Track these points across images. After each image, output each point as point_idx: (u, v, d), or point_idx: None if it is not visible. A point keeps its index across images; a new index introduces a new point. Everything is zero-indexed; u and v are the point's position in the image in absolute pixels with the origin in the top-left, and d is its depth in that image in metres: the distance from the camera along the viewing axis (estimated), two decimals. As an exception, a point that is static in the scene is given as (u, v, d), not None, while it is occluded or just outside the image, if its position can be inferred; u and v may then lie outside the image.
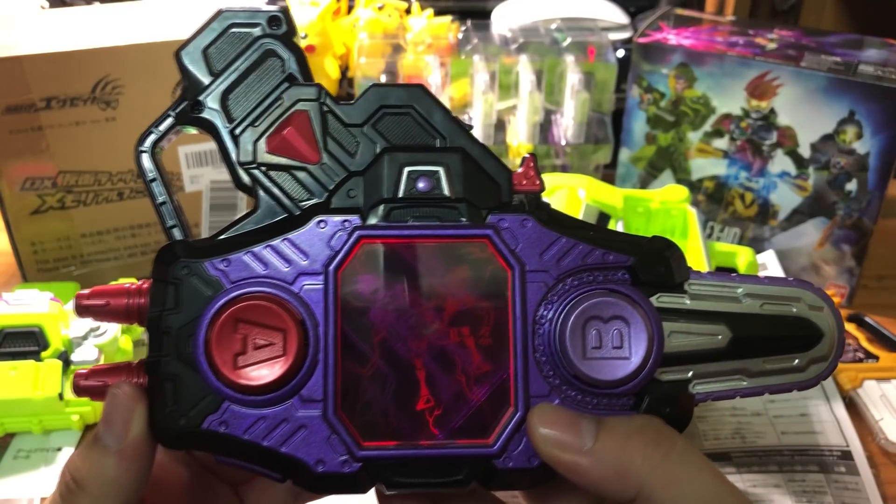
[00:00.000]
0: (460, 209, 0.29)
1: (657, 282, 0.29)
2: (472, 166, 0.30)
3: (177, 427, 0.28)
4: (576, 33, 0.83)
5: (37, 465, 0.58)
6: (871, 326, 0.70)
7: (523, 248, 0.29)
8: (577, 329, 0.28)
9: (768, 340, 0.30)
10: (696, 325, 0.29)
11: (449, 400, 0.28)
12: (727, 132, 0.75)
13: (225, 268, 0.28)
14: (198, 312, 0.28)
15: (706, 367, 0.30)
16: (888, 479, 0.57)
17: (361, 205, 0.29)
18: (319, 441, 0.28)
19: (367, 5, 0.92)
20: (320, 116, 0.29)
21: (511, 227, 0.29)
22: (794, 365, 0.30)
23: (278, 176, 0.29)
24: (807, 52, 0.72)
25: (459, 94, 0.82)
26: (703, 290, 0.30)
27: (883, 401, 0.63)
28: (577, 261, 0.29)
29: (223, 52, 0.30)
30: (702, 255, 0.60)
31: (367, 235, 0.28)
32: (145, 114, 0.70)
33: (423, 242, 0.29)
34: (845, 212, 0.73)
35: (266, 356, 0.27)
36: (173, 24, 0.72)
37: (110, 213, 0.73)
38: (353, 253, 0.28)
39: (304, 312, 0.28)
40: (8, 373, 0.58)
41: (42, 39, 0.68)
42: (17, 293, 0.63)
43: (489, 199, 0.29)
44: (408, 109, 0.30)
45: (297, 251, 0.28)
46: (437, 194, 0.29)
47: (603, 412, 0.29)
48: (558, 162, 0.80)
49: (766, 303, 0.30)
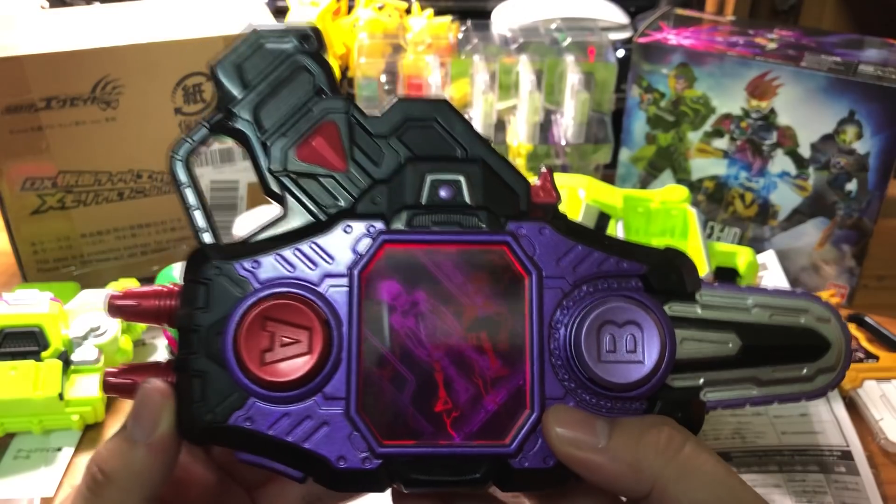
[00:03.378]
0: (480, 216, 0.30)
1: (669, 290, 0.30)
2: (492, 176, 0.31)
3: (203, 422, 0.28)
4: (576, 33, 0.83)
5: (37, 466, 0.58)
6: (871, 326, 0.70)
7: (540, 255, 0.30)
8: (592, 333, 0.29)
9: (777, 349, 0.31)
10: (707, 333, 0.30)
11: (466, 403, 0.29)
12: (727, 132, 0.75)
13: (254, 269, 0.29)
14: (227, 311, 0.29)
15: (717, 375, 0.30)
16: (888, 479, 0.57)
17: (385, 211, 0.30)
18: (341, 438, 0.28)
19: (366, 5, 0.92)
20: (348, 127, 0.31)
21: (529, 235, 0.30)
22: (802, 374, 0.31)
23: (306, 183, 0.30)
24: (807, 52, 0.72)
25: (459, 94, 0.82)
26: (713, 301, 0.31)
27: (883, 401, 0.63)
28: (593, 268, 0.30)
29: (256, 67, 0.31)
30: (702, 255, 0.60)
31: (390, 240, 0.30)
32: (145, 114, 0.71)
33: (444, 248, 0.30)
34: (845, 212, 0.73)
35: (291, 353, 0.28)
36: (173, 24, 0.72)
37: (110, 213, 0.73)
38: (378, 256, 0.30)
39: (328, 313, 0.29)
40: (8, 373, 0.58)
41: (42, 39, 0.68)
42: (17, 293, 0.63)
43: (508, 207, 0.30)
44: (431, 122, 0.31)
45: (324, 254, 0.30)
46: (458, 202, 0.30)
47: (616, 415, 0.29)
48: (558, 162, 0.80)
49: (774, 313, 0.31)
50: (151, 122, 0.71)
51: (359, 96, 0.82)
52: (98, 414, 0.61)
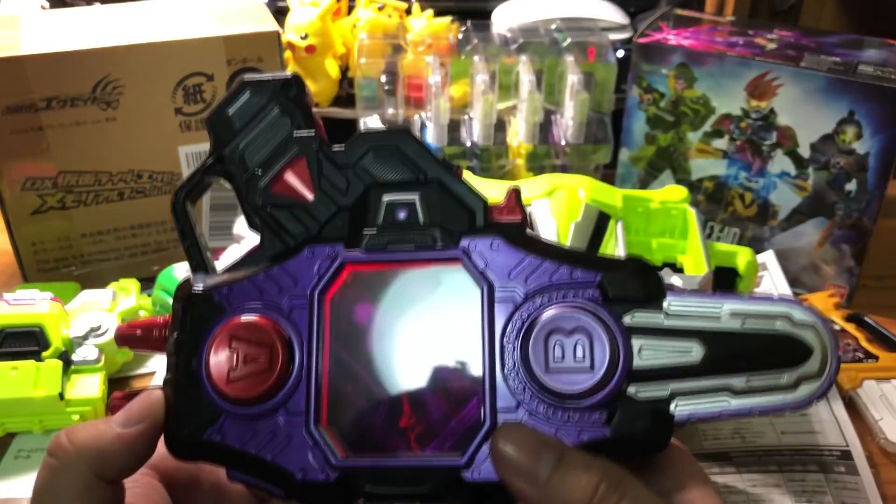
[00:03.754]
0: (435, 234, 0.32)
1: (628, 299, 0.30)
2: (448, 196, 0.32)
3: (183, 436, 0.31)
4: (576, 33, 0.83)
5: (37, 465, 0.57)
6: (870, 326, 0.70)
7: (492, 268, 0.31)
8: (540, 342, 0.29)
9: (749, 355, 0.29)
10: (668, 340, 0.30)
11: (429, 417, 0.30)
12: (727, 132, 0.75)
13: (227, 294, 0.32)
14: (202, 333, 0.31)
15: (685, 384, 0.29)
16: (888, 479, 0.57)
17: (346, 234, 0.32)
18: (302, 451, 0.30)
19: (367, 5, 0.92)
20: (316, 160, 0.33)
21: (481, 249, 0.31)
22: (781, 383, 0.29)
23: (280, 214, 0.33)
24: (806, 53, 0.72)
25: (459, 94, 0.82)
26: (680, 309, 0.30)
27: (882, 401, 0.63)
28: (544, 278, 0.30)
29: (242, 114, 0.34)
30: (701, 255, 0.60)
31: (349, 259, 0.32)
32: (146, 114, 0.71)
33: (401, 267, 0.31)
34: (845, 212, 0.73)
35: (255, 370, 0.30)
36: (174, 24, 0.72)
37: (110, 213, 0.73)
38: (340, 277, 0.31)
39: (290, 331, 0.31)
40: (8, 372, 0.58)
41: (43, 40, 0.68)
42: (17, 293, 0.63)
43: (463, 225, 0.32)
44: (393, 150, 0.33)
45: (289, 277, 0.32)
46: (412, 221, 0.32)
47: (575, 427, 0.29)
48: (558, 162, 0.80)
49: (747, 320, 0.30)
50: (152, 122, 0.71)
51: (359, 96, 0.82)
52: (98, 414, 0.61)
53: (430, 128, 0.79)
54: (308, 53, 0.87)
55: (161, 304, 0.59)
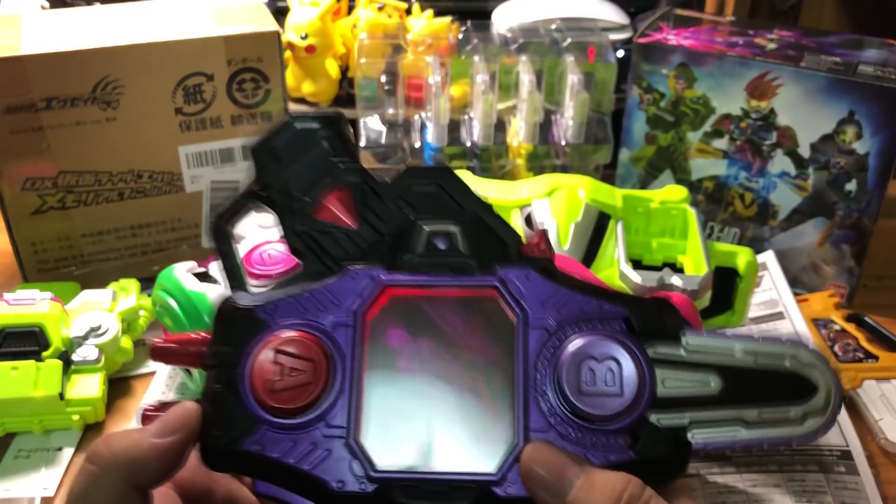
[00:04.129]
0: (472, 263, 0.33)
1: (651, 332, 0.32)
2: (485, 230, 0.34)
3: (220, 446, 0.32)
4: (576, 33, 0.83)
5: (37, 465, 0.58)
6: (870, 326, 0.70)
7: (527, 298, 0.33)
8: (573, 366, 0.31)
9: (760, 389, 0.32)
10: (688, 373, 0.32)
11: (461, 436, 0.32)
12: (727, 132, 0.75)
13: (271, 311, 0.33)
14: (245, 347, 0.33)
15: (702, 414, 0.31)
16: (888, 479, 0.58)
17: (387, 259, 0.34)
18: (340, 463, 0.31)
19: (367, 6, 0.92)
20: (361, 192, 0.35)
21: (516, 279, 0.33)
22: (790, 416, 0.31)
23: (323, 239, 0.35)
24: (806, 53, 0.72)
25: (459, 94, 0.82)
26: (698, 345, 0.32)
27: (882, 401, 0.63)
28: (576, 310, 0.32)
29: (287, 146, 0.36)
30: (701, 255, 0.60)
31: (389, 282, 0.33)
32: (146, 114, 0.71)
33: (443, 295, 0.33)
34: (845, 212, 0.73)
35: (297, 382, 0.32)
36: (173, 24, 0.72)
37: (111, 213, 0.73)
38: (380, 300, 0.33)
39: (332, 348, 0.32)
40: (9, 372, 0.58)
41: (43, 40, 0.68)
42: (17, 293, 0.63)
43: (499, 257, 0.34)
44: (433, 185, 0.35)
45: (331, 297, 0.33)
46: (452, 250, 0.34)
47: (601, 452, 0.31)
48: (558, 162, 0.80)
49: (759, 358, 0.32)
50: (152, 122, 0.71)
51: (359, 96, 0.82)
52: (98, 414, 0.61)
53: (430, 128, 0.79)
54: (308, 53, 0.87)
55: (161, 304, 0.58)
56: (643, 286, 0.56)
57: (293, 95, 0.90)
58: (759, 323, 0.71)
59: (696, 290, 0.56)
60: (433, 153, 0.78)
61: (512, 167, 0.80)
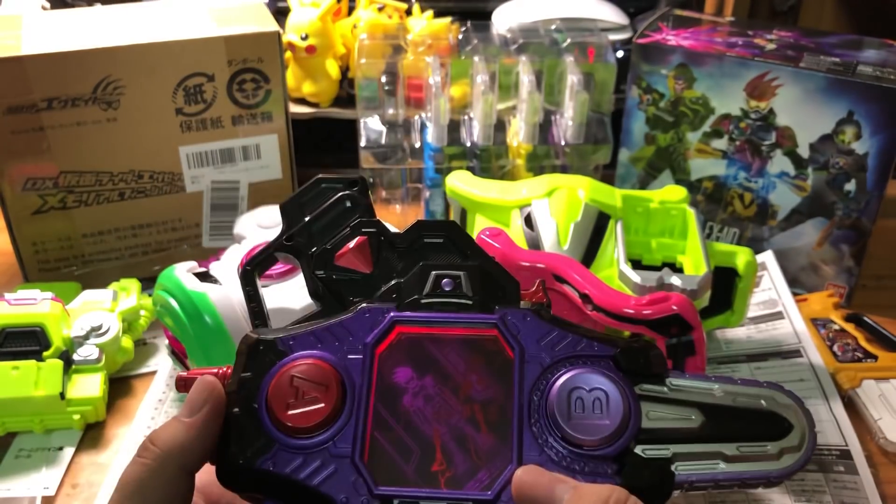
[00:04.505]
0: (475, 303, 0.37)
1: (637, 371, 0.35)
2: (487, 276, 0.37)
3: (236, 464, 0.34)
4: (575, 34, 0.83)
5: (38, 465, 0.58)
6: (869, 326, 0.70)
7: (524, 336, 0.36)
8: (564, 396, 0.34)
9: (739, 426, 0.34)
10: (671, 408, 0.34)
11: (460, 465, 0.34)
12: (726, 132, 0.75)
13: (291, 343, 0.36)
14: (265, 373, 0.35)
15: (685, 448, 0.34)
16: (887, 479, 0.58)
17: (398, 299, 0.37)
18: (347, 481, 0.33)
19: (367, 6, 0.92)
20: (377, 241, 0.39)
21: (514, 319, 0.36)
22: (767, 452, 0.34)
23: (342, 282, 0.39)
24: (806, 53, 0.72)
25: (459, 95, 0.82)
26: (680, 384, 0.35)
27: (882, 400, 0.63)
28: (569, 349, 0.35)
29: (315, 203, 0.41)
30: (701, 255, 0.60)
31: (398, 319, 0.36)
32: (146, 114, 0.71)
33: (447, 334, 0.36)
34: (844, 212, 0.73)
35: (311, 404, 0.34)
36: (174, 24, 0.72)
37: (111, 213, 0.73)
38: (390, 335, 0.36)
39: (344, 375, 0.35)
40: (9, 372, 0.58)
41: (43, 40, 0.68)
42: (18, 293, 0.63)
43: (499, 300, 0.37)
44: (442, 236, 0.39)
45: (346, 331, 0.36)
46: (457, 292, 0.37)
47: (589, 477, 0.33)
48: (558, 162, 0.80)
49: (738, 397, 0.35)
50: (152, 122, 0.71)
51: (359, 97, 0.82)
52: (99, 413, 0.61)
53: (430, 128, 0.79)
54: (308, 54, 0.87)
55: (162, 304, 0.59)
56: (643, 286, 0.56)
57: (293, 96, 0.90)
58: (759, 323, 0.71)
59: (695, 289, 0.56)
60: (433, 153, 0.78)
61: (512, 167, 0.80)
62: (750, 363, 0.67)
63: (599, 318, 0.53)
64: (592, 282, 0.54)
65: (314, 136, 0.91)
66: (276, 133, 0.76)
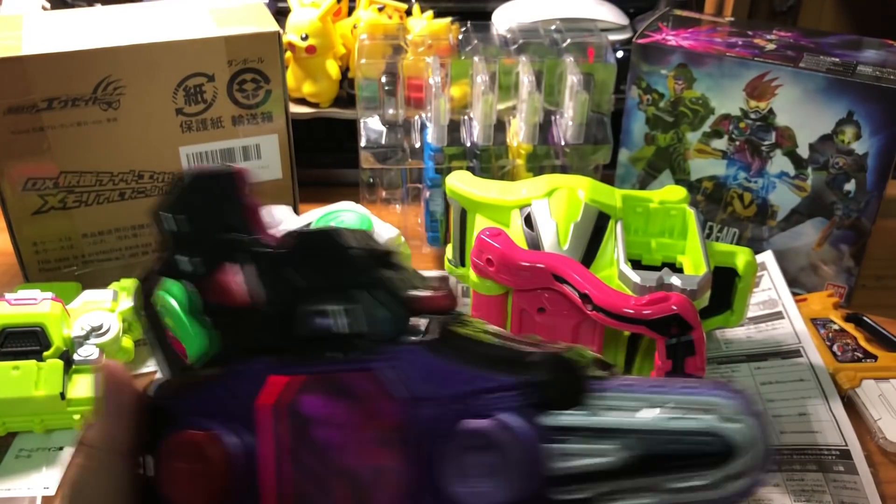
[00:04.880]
0: (355, 343, 0.31)
1: (549, 400, 0.29)
2: (371, 302, 0.32)
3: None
4: (575, 34, 0.83)
5: (38, 465, 0.58)
6: (869, 326, 0.70)
7: (410, 379, 0.31)
8: (452, 456, 0.29)
9: (670, 458, 0.29)
10: (589, 444, 0.29)
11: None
12: (726, 133, 0.76)
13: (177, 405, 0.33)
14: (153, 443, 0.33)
15: (607, 486, 0.29)
16: (886, 479, 0.58)
17: (274, 344, 0.32)
18: None
19: (367, 6, 0.92)
20: (252, 265, 0.33)
21: (401, 359, 0.31)
22: (706, 483, 0.28)
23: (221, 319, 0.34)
24: (805, 53, 0.72)
25: (459, 95, 0.82)
26: (603, 405, 0.29)
27: (881, 400, 0.63)
28: (466, 386, 0.30)
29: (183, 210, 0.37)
30: (700, 255, 0.60)
31: (272, 373, 0.32)
32: (146, 114, 0.71)
33: (319, 378, 0.31)
34: (844, 212, 0.73)
35: (199, 482, 0.32)
36: (174, 24, 0.72)
37: (112, 213, 0.74)
38: (262, 391, 0.32)
39: (231, 442, 0.32)
40: (10, 372, 0.58)
41: (44, 40, 0.68)
42: (18, 293, 0.63)
43: (387, 329, 0.31)
44: (319, 254, 0.32)
45: (224, 390, 0.33)
46: (333, 332, 0.32)
47: None
48: (558, 162, 0.80)
49: (674, 416, 0.29)
50: (153, 122, 0.71)
51: (359, 97, 0.82)
52: (99, 413, 0.61)
53: (430, 128, 0.79)
54: (308, 54, 0.87)
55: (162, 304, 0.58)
56: (642, 286, 0.56)
57: (294, 96, 0.90)
58: (758, 323, 0.71)
59: (695, 290, 0.56)
60: (433, 153, 0.78)
61: (512, 168, 0.80)
62: (750, 363, 0.68)
63: (599, 318, 0.53)
64: (592, 282, 0.54)
65: (314, 137, 0.91)
66: (277, 133, 0.76)
